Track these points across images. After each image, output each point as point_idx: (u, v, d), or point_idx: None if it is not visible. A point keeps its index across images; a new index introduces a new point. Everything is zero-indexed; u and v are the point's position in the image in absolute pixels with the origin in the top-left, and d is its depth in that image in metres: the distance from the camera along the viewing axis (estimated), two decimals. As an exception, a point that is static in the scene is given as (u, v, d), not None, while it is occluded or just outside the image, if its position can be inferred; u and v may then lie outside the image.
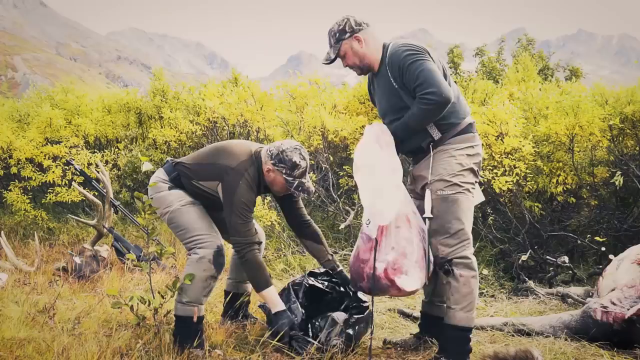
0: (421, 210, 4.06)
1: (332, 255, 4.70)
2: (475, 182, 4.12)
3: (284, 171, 4.17)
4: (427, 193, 3.99)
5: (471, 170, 4.04)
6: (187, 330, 4.16)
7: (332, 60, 4.19)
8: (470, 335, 4.05)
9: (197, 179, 4.30)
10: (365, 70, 4.23)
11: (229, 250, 4.73)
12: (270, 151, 4.22)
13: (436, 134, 4.00)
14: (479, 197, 4.24)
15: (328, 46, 4.20)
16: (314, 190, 4.41)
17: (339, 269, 4.64)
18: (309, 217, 4.72)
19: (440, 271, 4.05)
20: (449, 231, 3.95)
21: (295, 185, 4.20)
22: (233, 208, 4.08)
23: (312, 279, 4.63)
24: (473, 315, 4.01)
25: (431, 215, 3.95)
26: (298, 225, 4.71)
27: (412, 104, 3.94)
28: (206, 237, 4.20)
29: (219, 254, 4.19)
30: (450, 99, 3.83)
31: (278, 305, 4.16)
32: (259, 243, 4.26)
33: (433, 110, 3.84)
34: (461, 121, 4.05)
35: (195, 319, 4.18)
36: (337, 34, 4.10)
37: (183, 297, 4.17)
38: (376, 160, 3.97)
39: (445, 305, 4.08)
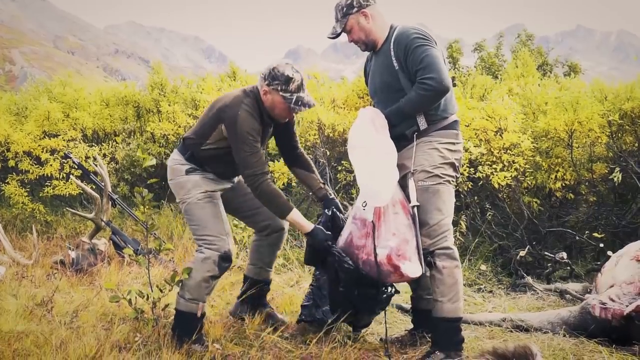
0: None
1: (324, 183, 4.67)
2: (456, 177, 4.15)
3: (279, 88, 4.09)
4: (411, 182, 4.01)
5: (452, 164, 4.08)
6: (188, 325, 4.15)
7: (338, 35, 4.18)
8: (461, 325, 4.07)
9: (204, 141, 4.24)
10: (369, 47, 4.22)
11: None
12: (262, 74, 4.17)
13: (422, 124, 4.03)
14: None
15: (334, 20, 4.18)
16: (315, 103, 4.32)
17: (331, 197, 4.58)
18: (301, 148, 4.71)
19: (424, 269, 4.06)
20: (429, 222, 3.98)
21: (293, 100, 4.11)
22: (237, 140, 4.04)
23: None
24: (460, 306, 4.03)
25: (418, 203, 3.96)
26: (289, 153, 4.70)
27: (408, 87, 3.97)
28: (216, 240, 4.18)
29: (224, 258, 4.17)
30: (449, 88, 3.88)
31: (307, 226, 4.15)
32: (271, 172, 4.21)
33: (431, 97, 3.88)
34: (449, 116, 4.09)
35: (199, 314, 4.20)
36: (345, 8, 4.10)
37: (185, 294, 4.17)
38: (371, 142, 3.98)
39: (432, 297, 4.09)
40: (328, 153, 8.39)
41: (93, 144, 9.77)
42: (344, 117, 8.18)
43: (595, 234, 6.45)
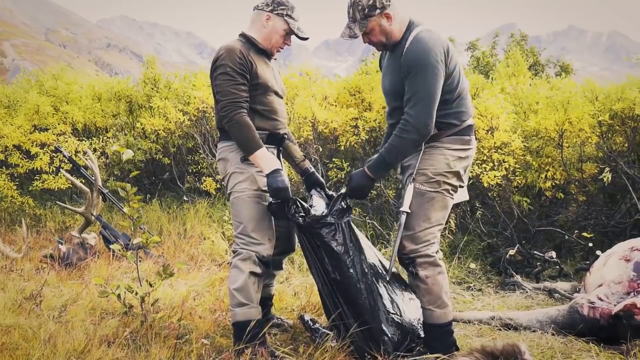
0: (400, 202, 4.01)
1: (305, 156, 4.62)
2: (460, 186, 4.04)
3: (285, 13, 4.12)
4: (409, 187, 3.90)
5: (457, 173, 3.94)
6: (254, 333, 3.93)
7: (356, 37, 3.90)
8: (452, 328, 4.06)
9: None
10: (388, 48, 4.01)
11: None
12: (262, 3, 4.17)
13: (433, 130, 3.89)
14: (462, 195, 4.20)
15: (348, 18, 3.92)
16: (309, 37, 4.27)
17: (312, 171, 4.55)
18: None
19: (405, 270, 4.04)
20: (415, 228, 3.90)
21: (297, 27, 4.17)
22: (216, 72, 3.99)
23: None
24: (449, 310, 3.99)
25: (408, 210, 3.87)
26: None
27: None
28: (254, 243, 4.02)
29: (262, 261, 4.03)
30: (429, 132, 3.76)
31: (273, 164, 3.94)
32: (246, 102, 4.07)
33: (410, 140, 3.75)
34: (461, 123, 3.94)
35: (260, 317, 4.04)
36: (367, 9, 3.81)
37: (237, 300, 3.98)
38: None
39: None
40: (320, 149, 8.39)
41: (83, 138, 9.74)
42: (335, 115, 8.17)
43: (585, 234, 6.48)
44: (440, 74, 3.75)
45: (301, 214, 3.98)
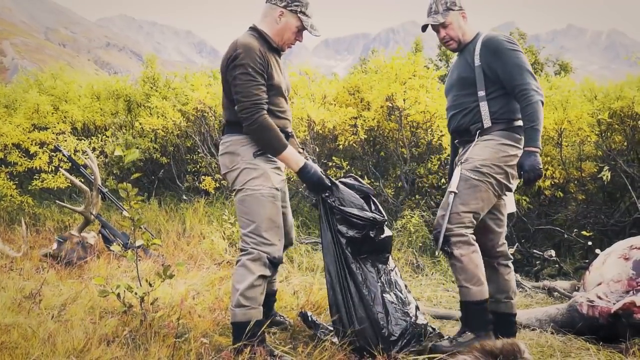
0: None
1: (302, 148, 4.58)
2: (506, 186, 4.11)
3: (299, 9, 4.04)
4: (457, 169, 4.07)
5: (504, 171, 4.05)
6: (253, 333, 3.86)
7: (438, 25, 4.26)
8: (487, 306, 4.10)
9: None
10: (460, 47, 4.32)
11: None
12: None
13: (487, 122, 4.07)
14: (510, 206, 4.30)
15: (430, 13, 4.31)
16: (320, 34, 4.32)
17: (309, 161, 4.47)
18: None
19: (439, 249, 4.08)
20: (452, 209, 4.00)
21: (310, 23, 4.11)
22: (236, 69, 3.84)
23: None
24: (485, 287, 4.06)
25: (456, 190, 4.01)
26: None
27: (481, 82, 4.11)
28: (266, 243, 3.93)
29: (273, 263, 3.96)
30: (543, 97, 4.01)
31: (300, 161, 3.97)
32: (266, 103, 3.92)
33: (538, 103, 3.94)
34: (515, 120, 4.11)
35: (260, 317, 3.96)
36: (448, 3, 4.23)
37: (239, 301, 3.88)
38: None
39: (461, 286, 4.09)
40: (317, 149, 8.38)
41: (82, 137, 9.73)
42: (334, 114, 8.16)
43: (584, 232, 6.48)
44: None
45: (335, 200, 4.18)
